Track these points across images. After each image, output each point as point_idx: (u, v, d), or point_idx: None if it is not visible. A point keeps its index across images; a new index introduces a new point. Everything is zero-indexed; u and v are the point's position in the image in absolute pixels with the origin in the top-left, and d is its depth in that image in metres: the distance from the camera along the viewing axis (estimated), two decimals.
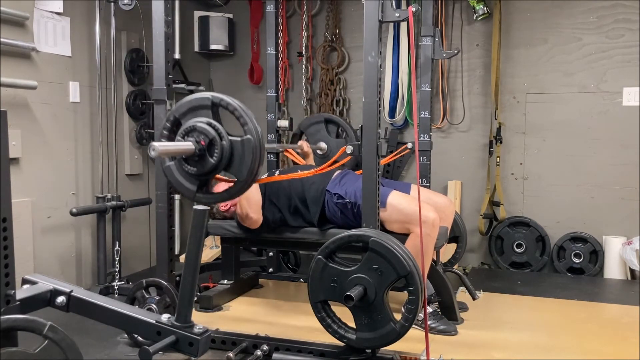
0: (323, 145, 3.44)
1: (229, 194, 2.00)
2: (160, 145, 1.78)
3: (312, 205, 2.66)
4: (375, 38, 2.14)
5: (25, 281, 1.80)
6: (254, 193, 2.67)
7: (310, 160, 3.32)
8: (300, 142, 3.30)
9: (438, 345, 2.38)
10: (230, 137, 1.92)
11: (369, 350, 2.16)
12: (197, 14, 4.44)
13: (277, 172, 2.91)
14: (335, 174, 2.75)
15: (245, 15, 4.56)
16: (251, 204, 2.67)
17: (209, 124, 1.91)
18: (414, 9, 2.11)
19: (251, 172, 1.91)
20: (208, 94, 1.95)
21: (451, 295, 2.69)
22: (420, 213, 2.17)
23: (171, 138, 2.00)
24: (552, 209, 3.96)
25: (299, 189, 2.71)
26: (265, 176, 2.89)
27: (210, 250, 3.98)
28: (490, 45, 4.00)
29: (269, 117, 3.45)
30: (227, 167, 1.93)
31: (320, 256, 2.16)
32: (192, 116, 1.96)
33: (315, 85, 4.49)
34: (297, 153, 3.37)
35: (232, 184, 2.60)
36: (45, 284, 1.77)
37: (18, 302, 1.60)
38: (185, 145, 1.90)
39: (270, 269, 3.55)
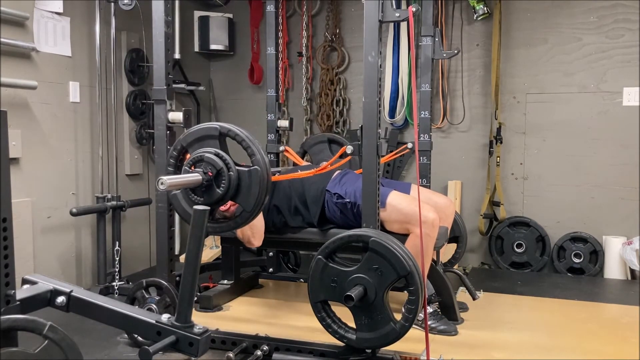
0: None
1: (236, 224, 2.01)
2: (169, 179, 1.80)
3: (312, 205, 2.66)
4: (375, 38, 2.14)
5: (25, 281, 1.80)
6: (259, 221, 2.63)
7: None
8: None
9: (438, 345, 2.38)
10: (237, 167, 1.93)
11: (369, 351, 2.16)
12: (197, 14, 4.44)
13: (277, 173, 2.90)
14: (335, 173, 2.75)
15: (245, 15, 4.56)
16: (254, 232, 2.64)
17: (217, 155, 1.92)
18: (414, 9, 2.11)
19: (258, 203, 1.92)
20: (216, 124, 1.96)
21: (451, 295, 2.69)
22: (420, 213, 2.17)
23: (178, 167, 2.02)
24: (552, 209, 3.96)
25: (299, 189, 2.71)
26: None
27: (210, 250, 3.98)
28: (490, 45, 4.00)
29: (269, 117, 3.44)
30: (234, 197, 1.94)
31: (320, 256, 2.16)
32: (199, 146, 1.97)
33: (315, 85, 4.49)
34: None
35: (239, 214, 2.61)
36: (45, 284, 1.77)
37: (18, 302, 1.60)
38: (193, 177, 1.91)
39: (270, 269, 3.55)
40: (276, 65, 3.42)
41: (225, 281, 3.11)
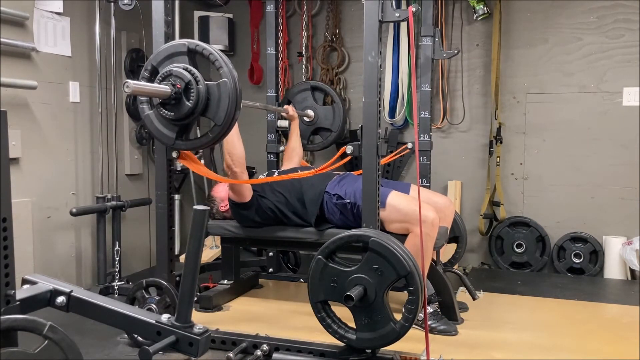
0: (310, 112, 3.46)
1: (208, 139, 1.99)
2: (134, 83, 1.78)
3: (310, 205, 2.66)
4: (375, 38, 2.14)
5: (25, 281, 1.80)
6: (236, 145, 2.56)
7: (296, 126, 3.31)
8: (286, 106, 3.29)
9: (438, 345, 2.38)
10: (206, 82, 1.92)
11: (369, 350, 2.16)
12: (197, 14, 4.43)
13: (277, 173, 2.91)
14: (335, 176, 2.75)
15: (245, 15, 4.56)
16: (234, 159, 2.56)
17: (185, 69, 1.92)
18: (414, 9, 2.11)
19: (229, 115, 1.91)
20: (184, 40, 1.96)
21: (451, 295, 2.69)
22: (420, 213, 2.17)
23: None
24: (552, 209, 3.96)
25: (298, 189, 2.71)
26: (264, 176, 2.89)
27: (210, 250, 3.98)
28: (490, 45, 4.00)
29: (269, 117, 3.45)
30: (204, 111, 1.93)
31: (320, 256, 2.16)
32: (169, 63, 1.96)
33: None
34: (283, 117, 3.37)
35: (229, 181, 2.60)
36: (45, 284, 1.77)
37: (18, 302, 1.60)
38: (161, 87, 1.90)
39: (270, 269, 3.55)
40: (276, 65, 3.43)
41: (225, 281, 3.11)
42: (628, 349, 2.42)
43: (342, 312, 2.17)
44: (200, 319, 2.50)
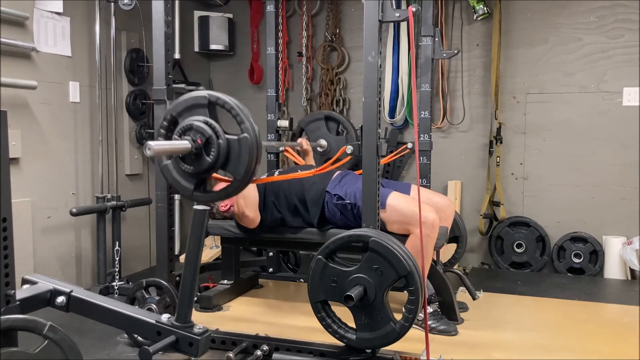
0: (323, 142, 3.44)
1: (226, 193, 1.99)
2: (156, 144, 1.78)
3: (311, 206, 2.66)
4: (375, 38, 2.14)
5: (25, 281, 1.80)
6: (251, 191, 2.66)
7: (310, 159, 3.31)
8: (299, 140, 3.29)
9: (438, 345, 2.38)
10: (227, 136, 1.92)
11: (369, 350, 2.16)
12: (197, 14, 4.44)
13: (277, 172, 2.91)
14: (335, 174, 2.75)
15: (245, 15, 4.56)
16: (248, 203, 2.66)
17: (206, 123, 1.91)
18: (414, 9, 2.11)
19: (248, 171, 1.90)
20: (205, 92, 1.95)
21: (451, 295, 2.69)
22: (420, 214, 2.17)
23: (168, 137, 2.00)
24: (552, 209, 3.96)
25: (299, 190, 2.71)
26: (264, 176, 2.89)
27: (210, 250, 3.98)
28: (490, 45, 4.00)
29: (269, 117, 3.45)
30: (224, 165, 1.93)
31: (320, 256, 2.16)
32: (189, 115, 1.96)
33: (315, 85, 4.49)
34: (297, 151, 3.37)
35: (229, 183, 2.60)
36: (45, 284, 1.77)
37: (18, 302, 1.60)
38: (182, 144, 1.90)
39: (270, 269, 3.55)
40: (276, 65, 3.43)
41: (225, 281, 3.11)
42: (628, 349, 2.42)
43: (342, 312, 2.17)
44: (200, 319, 2.50)
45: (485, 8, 3.93)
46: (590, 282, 3.68)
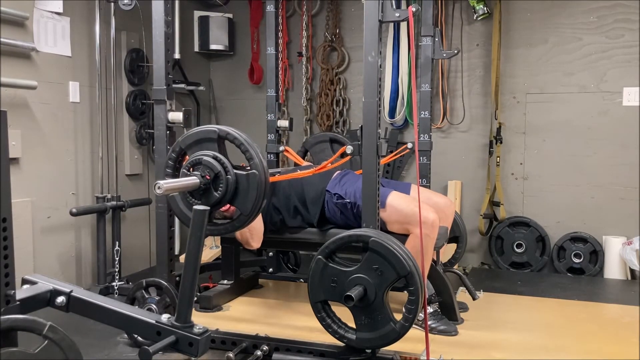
0: None
1: (233, 227, 2.01)
2: (166, 183, 1.79)
3: (311, 206, 2.66)
4: (375, 38, 2.14)
5: (25, 281, 1.80)
6: (257, 223, 2.64)
7: None
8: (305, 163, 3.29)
9: (438, 345, 2.38)
10: (235, 171, 1.93)
11: (369, 351, 2.16)
12: (197, 14, 4.44)
13: (277, 173, 2.90)
14: (335, 174, 2.75)
15: (245, 15, 4.56)
16: (253, 234, 2.65)
17: (215, 158, 1.92)
18: (414, 9, 2.11)
19: (255, 206, 1.92)
20: (215, 127, 1.97)
21: (451, 296, 2.69)
22: (420, 214, 2.17)
23: (177, 168, 2.02)
24: (552, 209, 3.96)
25: (299, 189, 2.71)
26: None
27: (210, 250, 3.98)
28: (490, 45, 4.00)
29: (269, 117, 3.44)
30: (231, 200, 1.94)
31: (320, 256, 2.16)
32: (197, 148, 1.97)
33: (315, 85, 4.49)
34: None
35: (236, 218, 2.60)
36: (45, 284, 1.77)
37: (18, 302, 1.60)
38: (191, 180, 1.91)
39: (270, 269, 3.55)
40: (276, 65, 3.42)
41: (225, 281, 3.11)
42: (628, 349, 2.42)
43: (342, 312, 2.17)
44: (200, 319, 2.49)
45: (485, 8, 3.93)
46: (590, 282, 3.68)
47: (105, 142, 3.54)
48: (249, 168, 1.98)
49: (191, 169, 1.97)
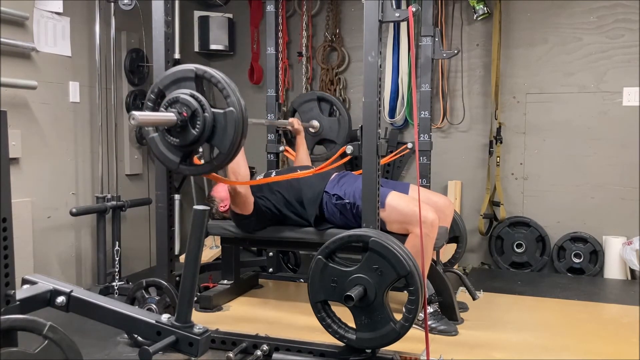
0: (315, 123, 3.45)
1: (212, 167, 1.99)
2: (140, 115, 1.77)
3: (308, 206, 2.66)
4: (375, 38, 2.14)
5: (25, 281, 1.80)
6: (241, 165, 2.57)
7: (302, 138, 3.31)
8: (291, 119, 3.28)
9: (438, 345, 2.38)
10: (213, 110, 1.92)
11: (369, 350, 2.16)
12: (197, 14, 4.44)
13: (274, 173, 2.89)
14: (334, 175, 2.75)
15: (245, 15, 4.56)
16: (238, 176, 2.57)
17: (192, 96, 1.91)
18: (414, 9, 2.11)
19: (234, 144, 1.90)
20: (192, 66, 1.95)
21: (451, 295, 2.69)
22: (420, 213, 2.17)
23: (155, 110, 2.00)
24: (552, 209, 3.96)
25: (297, 190, 2.71)
26: (261, 177, 2.88)
27: (210, 250, 3.98)
28: (490, 45, 4.00)
29: (269, 117, 3.44)
30: (209, 138, 1.93)
31: (320, 256, 2.16)
32: (175, 88, 1.96)
33: (315, 85, 4.48)
34: (288, 131, 3.37)
35: (228, 182, 2.60)
36: (45, 284, 1.77)
37: (18, 302, 1.60)
38: (167, 116, 1.90)
39: (270, 269, 3.55)
40: (276, 65, 3.43)
41: (225, 281, 3.11)
42: (628, 349, 2.42)
43: (342, 312, 2.17)
44: (200, 319, 2.50)
45: (485, 8, 3.93)
46: (590, 282, 3.68)
47: (105, 142, 3.54)
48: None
49: (168, 108, 1.95)
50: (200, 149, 2.67)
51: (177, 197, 4.08)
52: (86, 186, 3.49)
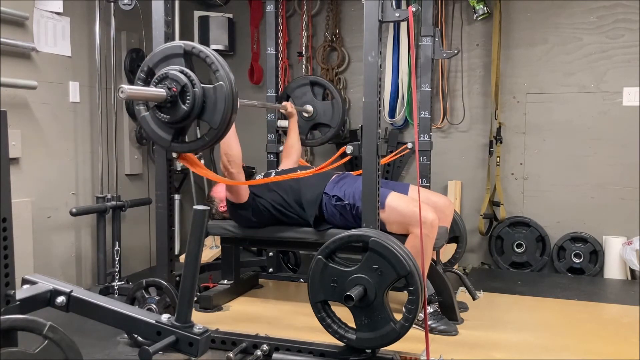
0: (309, 108, 3.45)
1: (204, 142, 1.99)
2: (129, 88, 1.77)
3: (308, 207, 2.66)
4: (375, 38, 2.14)
5: (25, 281, 1.80)
6: (232, 146, 2.55)
7: (294, 122, 3.31)
8: (284, 103, 3.28)
9: (438, 345, 2.38)
10: (202, 85, 1.92)
11: (369, 350, 2.16)
12: (197, 14, 4.44)
13: (274, 173, 2.89)
14: (334, 176, 2.75)
15: (245, 15, 4.56)
16: (230, 157, 2.55)
17: (181, 72, 1.91)
18: (414, 9, 2.11)
19: (224, 119, 1.90)
20: (180, 42, 1.96)
21: (451, 295, 2.69)
22: (420, 214, 2.17)
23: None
24: (552, 209, 3.96)
25: (296, 190, 2.71)
26: (261, 177, 2.88)
27: (210, 250, 3.98)
28: (490, 45, 3.99)
29: (269, 117, 3.45)
30: (200, 114, 1.93)
31: (320, 256, 2.16)
32: (165, 65, 1.96)
33: None
34: (281, 114, 3.37)
35: (228, 182, 2.60)
36: (45, 284, 1.77)
37: (18, 302, 1.60)
38: (156, 91, 1.90)
39: (270, 269, 3.55)
40: (276, 65, 3.43)
41: (225, 281, 3.11)
42: (628, 349, 2.42)
43: (342, 312, 2.17)
44: (200, 319, 2.50)
45: (485, 8, 3.93)
46: (590, 282, 3.68)
47: (105, 142, 3.54)
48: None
49: (158, 85, 1.95)
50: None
51: (177, 197, 4.09)
52: (86, 186, 3.49)
